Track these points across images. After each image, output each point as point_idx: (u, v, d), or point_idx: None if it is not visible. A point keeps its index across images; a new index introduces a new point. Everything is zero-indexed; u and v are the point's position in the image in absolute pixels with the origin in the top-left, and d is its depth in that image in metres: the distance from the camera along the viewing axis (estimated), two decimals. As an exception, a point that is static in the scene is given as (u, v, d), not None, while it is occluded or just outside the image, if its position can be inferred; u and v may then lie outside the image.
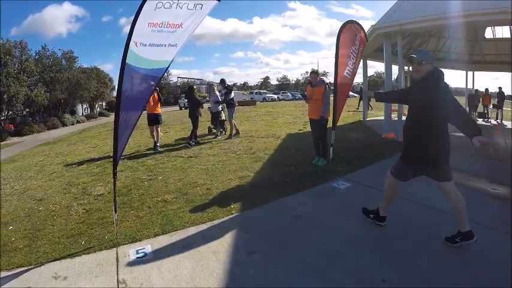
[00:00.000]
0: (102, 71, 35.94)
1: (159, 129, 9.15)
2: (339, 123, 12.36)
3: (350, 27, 6.27)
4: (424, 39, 14.33)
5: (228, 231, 3.80)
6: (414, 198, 4.47)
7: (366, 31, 6.85)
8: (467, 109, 15.58)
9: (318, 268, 2.99)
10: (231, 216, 4.22)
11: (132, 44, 3.39)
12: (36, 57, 23.62)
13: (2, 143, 16.92)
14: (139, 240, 3.67)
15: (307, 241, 3.50)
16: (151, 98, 8.45)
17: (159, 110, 8.98)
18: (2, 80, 17.95)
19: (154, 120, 8.85)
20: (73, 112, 31.66)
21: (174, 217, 4.22)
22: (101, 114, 33.71)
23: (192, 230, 3.87)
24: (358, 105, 21.71)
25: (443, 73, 3.24)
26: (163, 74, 3.94)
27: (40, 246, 3.69)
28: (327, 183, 5.30)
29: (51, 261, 3.36)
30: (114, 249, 3.51)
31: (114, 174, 3.80)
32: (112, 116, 30.54)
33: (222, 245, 3.47)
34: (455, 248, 3.19)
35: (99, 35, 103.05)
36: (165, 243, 3.60)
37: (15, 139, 18.27)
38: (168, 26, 3.64)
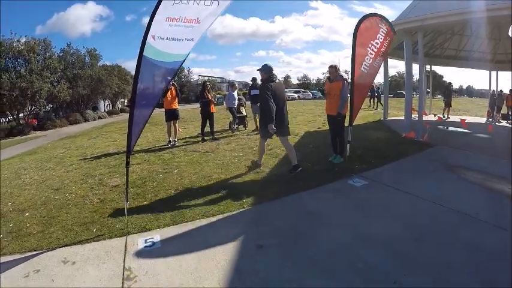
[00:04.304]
0: (124, 68, 36.46)
1: (177, 124, 9.13)
2: (359, 122, 12.27)
3: (370, 20, 6.10)
4: (446, 37, 13.90)
5: (238, 224, 3.77)
6: (432, 199, 4.31)
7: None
8: (490, 110, 14.93)
9: (326, 266, 2.91)
10: (242, 209, 4.17)
11: (149, 37, 3.48)
12: (61, 54, 24.32)
13: (24, 136, 17.50)
14: (149, 230, 3.71)
15: (318, 238, 3.42)
16: (168, 93, 8.55)
17: (177, 105, 8.95)
18: (26, 76, 18.51)
19: (172, 115, 8.82)
20: (95, 108, 32.44)
21: (185, 209, 4.22)
22: (122, 110, 34.18)
23: (202, 222, 3.86)
24: (371, 104, 21.04)
25: (271, 80, 5.42)
26: (180, 66, 4.02)
27: (53, 232, 3.81)
28: (342, 180, 5.18)
29: (62, 246, 3.47)
30: (124, 237, 3.56)
31: (127, 163, 3.86)
32: (133, 113, 31.38)
33: (230, 238, 3.44)
34: (471, 252, 3.03)
35: (122, 33, 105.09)
36: (174, 233, 3.62)
37: (38, 133, 18.79)
38: (185, 20, 3.72)
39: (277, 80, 5.58)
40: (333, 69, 6.17)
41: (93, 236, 3.63)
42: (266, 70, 5.50)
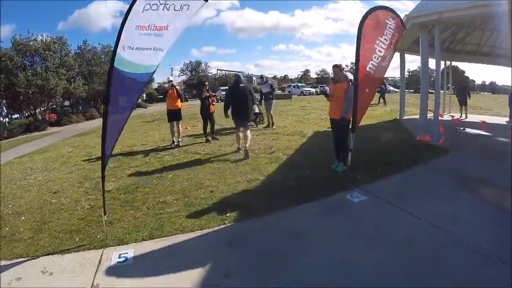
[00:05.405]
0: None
1: (180, 125, 9.03)
2: (372, 121, 11.75)
3: (376, 15, 5.46)
4: (467, 32, 13.08)
5: (213, 244, 3.57)
6: (437, 223, 3.75)
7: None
8: (509, 109, 13.64)
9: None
10: (223, 226, 3.92)
11: (120, 48, 3.38)
12: (78, 51, 24.97)
13: (40, 132, 18.04)
14: (126, 244, 3.69)
15: (298, 264, 3.10)
16: (168, 94, 8.66)
17: (179, 105, 8.87)
18: (42, 74, 19.05)
19: (173, 116, 8.75)
20: None
21: (167, 221, 4.08)
22: (138, 105, 34.59)
23: (178, 238, 3.71)
24: (378, 101, 20.02)
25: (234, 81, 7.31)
26: (149, 78, 3.89)
27: (41, 239, 3.90)
28: (340, 194, 4.74)
29: (46, 254, 3.55)
30: (101, 250, 3.57)
31: (103, 177, 3.81)
32: (150, 108, 31.95)
33: (200, 260, 3.23)
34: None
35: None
36: (149, 249, 3.54)
37: (54, 129, 19.36)
38: (154, 28, 3.57)
39: (242, 85, 7.17)
40: (337, 69, 5.71)
41: (74, 246, 3.67)
42: (234, 79, 7.52)
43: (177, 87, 8.80)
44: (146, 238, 3.72)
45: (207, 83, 10.02)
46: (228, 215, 4.16)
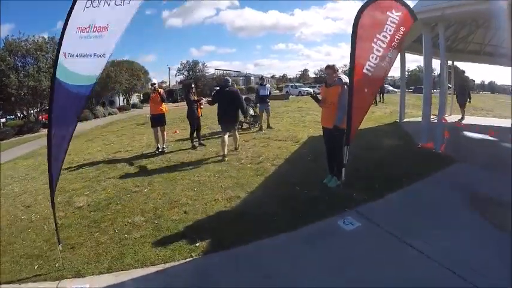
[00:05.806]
0: (138, 63, 36.78)
1: (164, 130, 8.60)
2: (370, 125, 11.17)
3: (373, 8, 4.60)
4: (471, 30, 12.54)
5: (175, 282, 3.09)
6: (445, 261, 3.07)
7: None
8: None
9: None
10: (189, 259, 3.42)
11: (61, 56, 3.02)
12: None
13: (33, 134, 17.82)
14: (83, 276, 3.30)
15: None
16: (151, 98, 8.37)
17: (164, 109, 8.44)
18: (34, 75, 18.79)
19: (157, 121, 8.35)
20: (112, 103, 33.35)
21: (130, 250, 3.66)
22: (134, 106, 34.38)
23: (137, 273, 3.26)
24: (376, 103, 19.37)
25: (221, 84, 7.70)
26: (91, 90, 3.31)
27: (3, 263, 3.65)
28: (331, 218, 4.12)
29: (4, 283, 3.31)
30: (57, 282, 3.25)
31: (53, 205, 3.53)
32: (145, 108, 31.58)
33: None
34: None
35: (142, 27, 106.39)
36: (105, 284, 3.15)
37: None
38: (94, 29, 3.08)
39: (228, 89, 7.29)
40: (331, 70, 5.01)
41: (32, 275, 3.39)
42: (222, 82, 7.80)
43: (160, 91, 8.35)
44: (104, 271, 3.32)
45: (193, 85, 9.45)
46: (197, 244, 3.66)
